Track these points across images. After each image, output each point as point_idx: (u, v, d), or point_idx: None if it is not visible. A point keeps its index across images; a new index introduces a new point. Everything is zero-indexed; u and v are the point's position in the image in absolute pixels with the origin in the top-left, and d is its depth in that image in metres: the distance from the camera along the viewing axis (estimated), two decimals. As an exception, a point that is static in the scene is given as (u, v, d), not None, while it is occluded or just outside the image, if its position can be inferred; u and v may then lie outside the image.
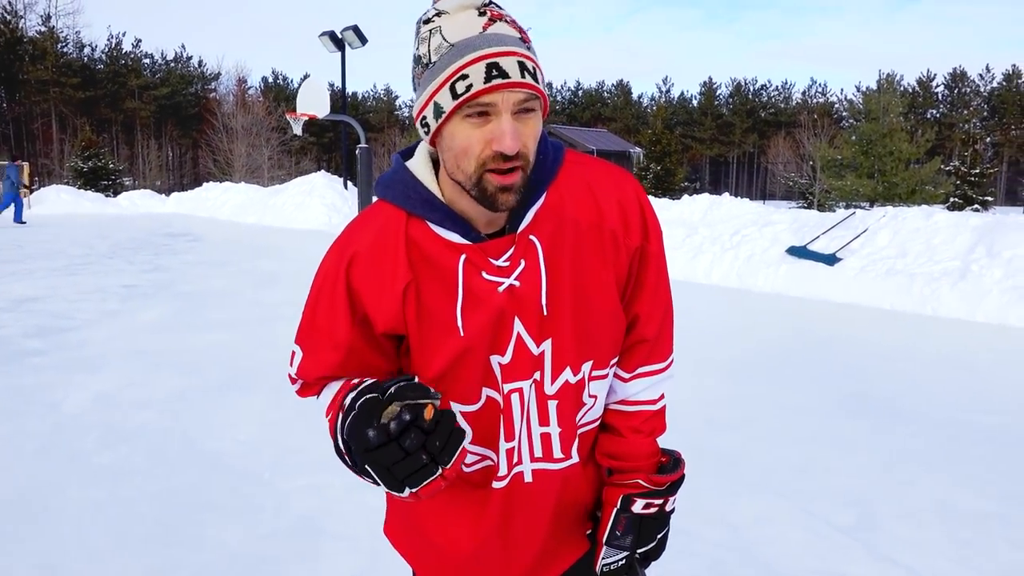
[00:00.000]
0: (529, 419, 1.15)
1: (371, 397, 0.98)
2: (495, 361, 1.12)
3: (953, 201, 34.08)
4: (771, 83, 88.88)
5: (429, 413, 0.94)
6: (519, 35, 1.00)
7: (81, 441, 3.83)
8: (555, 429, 1.17)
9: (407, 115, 76.37)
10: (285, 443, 3.83)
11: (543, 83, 1.02)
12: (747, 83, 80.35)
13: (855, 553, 2.79)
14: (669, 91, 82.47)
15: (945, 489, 3.40)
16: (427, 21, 1.00)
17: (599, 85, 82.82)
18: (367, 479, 0.98)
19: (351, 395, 1.03)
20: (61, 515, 3.00)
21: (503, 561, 1.22)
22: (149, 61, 65.76)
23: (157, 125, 62.08)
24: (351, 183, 21.22)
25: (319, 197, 19.64)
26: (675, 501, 1.25)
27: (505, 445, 1.15)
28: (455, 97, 0.97)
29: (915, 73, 77.16)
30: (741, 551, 2.79)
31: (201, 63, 68.69)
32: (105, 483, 3.31)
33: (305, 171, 35.55)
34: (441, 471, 0.96)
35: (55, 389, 4.70)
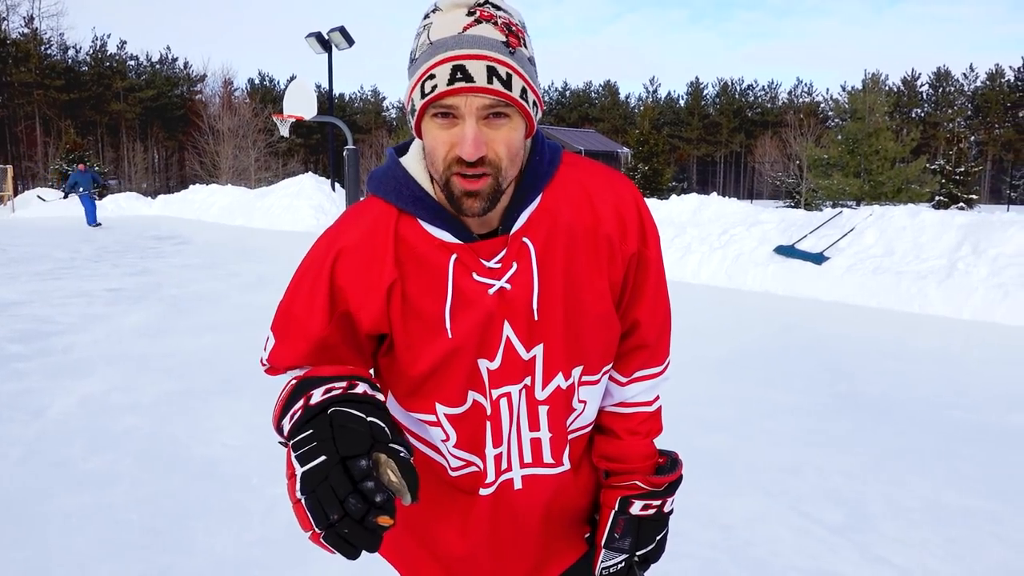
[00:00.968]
0: (519, 425, 1.14)
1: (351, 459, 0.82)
2: (483, 366, 1.10)
3: (938, 199, 34.42)
4: (757, 83, 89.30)
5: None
6: (504, 39, 0.96)
7: (67, 447, 3.78)
8: (546, 435, 1.15)
9: (394, 116, 76.34)
10: (273, 448, 3.77)
11: (530, 90, 0.98)
12: (734, 83, 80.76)
13: (847, 553, 2.79)
14: (656, 91, 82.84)
15: (934, 487, 3.41)
16: (425, 16, 1.00)
17: (586, 86, 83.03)
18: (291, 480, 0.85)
19: (326, 400, 0.89)
20: (46, 522, 2.96)
21: (494, 568, 1.21)
22: (134, 63, 65.34)
23: (143, 127, 61.67)
24: (339, 184, 21.17)
25: (307, 199, 19.56)
26: (674, 502, 1.24)
27: (493, 451, 1.14)
28: (423, 96, 0.97)
29: (900, 73, 77.54)
30: (733, 551, 2.79)
31: (187, 65, 68.33)
32: (91, 489, 3.27)
33: (292, 173, 35.49)
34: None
35: (40, 394, 4.64)
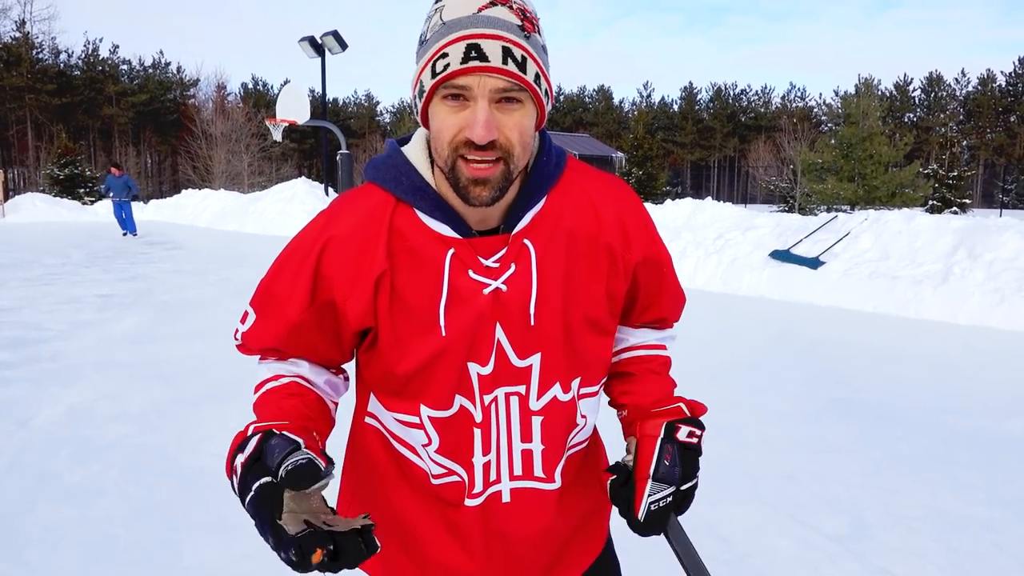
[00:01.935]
0: (510, 434, 1.09)
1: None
2: (473, 370, 1.05)
3: (932, 204, 34.53)
4: (751, 88, 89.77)
5: (318, 557, 0.82)
6: (519, 22, 0.93)
7: (52, 458, 3.70)
8: (538, 447, 1.10)
9: (388, 121, 76.33)
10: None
11: (542, 75, 0.96)
12: (727, 88, 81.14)
13: (847, 563, 2.74)
14: (650, 96, 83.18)
15: (934, 495, 3.37)
16: (437, 0, 0.97)
17: (580, 90, 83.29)
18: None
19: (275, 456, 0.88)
20: (29, 537, 2.88)
21: None
22: (127, 67, 65.31)
23: (135, 132, 61.53)
24: (332, 189, 21.13)
25: (300, 204, 19.51)
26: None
27: (481, 459, 1.09)
28: (434, 76, 0.93)
29: (892, 77, 78.19)
30: (732, 564, 2.73)
31: (180, 69, 68.37)
32: (76, 502, 3.20)
33: (286, 177, 35.42)
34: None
35: (26, 403, 4.56)
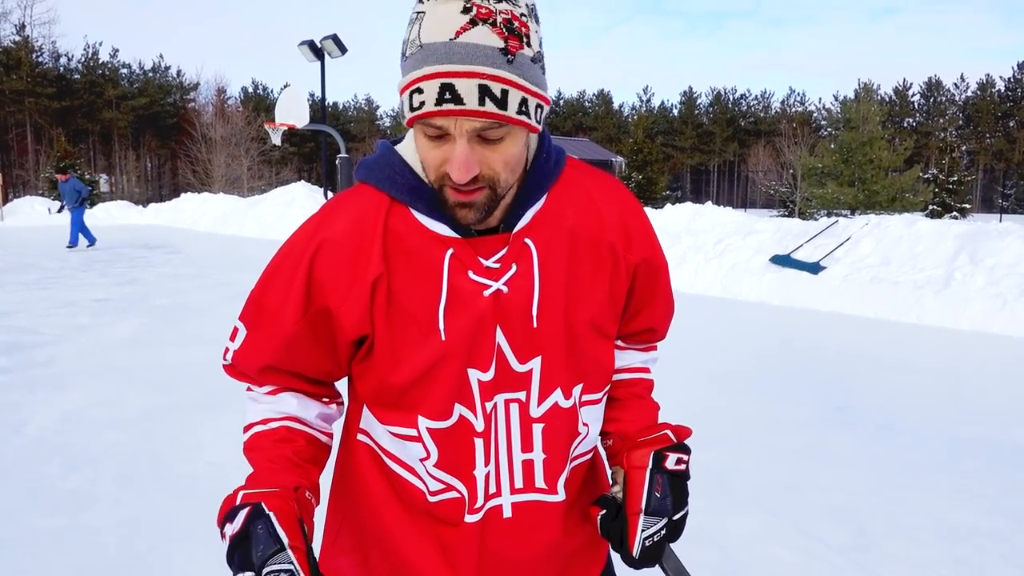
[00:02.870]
0: (510, 444, 1.04)
1: None
2: (474, 376, 1.00)
3: (932, 209, 34.51)
4: (750, 92, 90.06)
5: None
6: (502, 44, 0.85)
7: (44, 465, 3.65)
8: (539, 456, 1.05)
9: (388, 125, 76.38)
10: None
11: (531, 96, 0.88)
12: (727, 92, 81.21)
13: (851, 574, 2.69)
14: (650, 101, 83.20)
15: (938, 504, 3.32)
16: (419, 1, 0.89)
17: (580, 95, 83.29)
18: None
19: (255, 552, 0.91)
20: (18, 546, 2.83)
21: None
22: (127, 71, 65.27)
23: (135, 135, 61.55)
24: (332, 193, 21.11)
25: (299, 207, 19.50)
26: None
27: (483, 470, 1.03)
28: (412, 109, 0.89)
29: (892, 83, 78.20)
30: (732, 575, 2.69)
31: (180, 73, 68.38)
32: (68, 510, 3.15)
33: (286, 181, 35.43)
34: None
35: (18, 409, 4.52)
